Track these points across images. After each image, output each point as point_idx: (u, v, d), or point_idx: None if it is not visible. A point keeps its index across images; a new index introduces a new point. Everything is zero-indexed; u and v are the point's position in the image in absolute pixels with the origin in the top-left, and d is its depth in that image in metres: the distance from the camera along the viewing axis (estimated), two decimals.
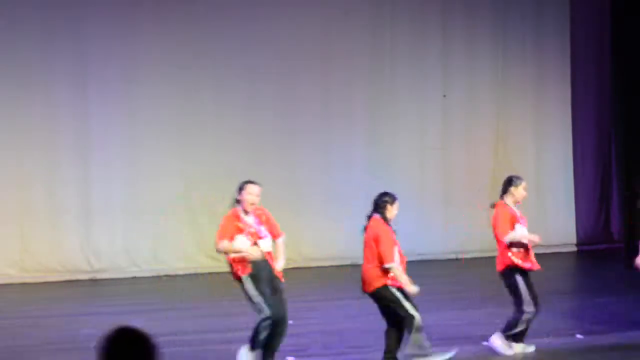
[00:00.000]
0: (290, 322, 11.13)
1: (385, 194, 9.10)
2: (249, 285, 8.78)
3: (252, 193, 8.90)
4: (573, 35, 17.49)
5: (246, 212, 8.90)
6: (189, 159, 15.63)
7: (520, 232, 9.52)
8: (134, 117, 15.47)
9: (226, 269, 15.30)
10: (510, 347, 9.55)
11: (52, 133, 15.18)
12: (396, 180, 16.07)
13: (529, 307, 9.49)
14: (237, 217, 8.87)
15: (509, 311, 9.77)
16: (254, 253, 8.72)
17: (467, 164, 16.96)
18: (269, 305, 8.74)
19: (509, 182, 9.73)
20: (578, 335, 10.13)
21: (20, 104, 15.02)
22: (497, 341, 9.57)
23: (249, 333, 9.00)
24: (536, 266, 9.59)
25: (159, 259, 15.66)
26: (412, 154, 16.69)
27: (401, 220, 9.52)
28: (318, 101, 16.30)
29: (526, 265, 9.53)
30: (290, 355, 9.04)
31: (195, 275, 15.44)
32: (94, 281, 15.12)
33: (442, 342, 9.86)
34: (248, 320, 11.24)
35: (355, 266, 16.04)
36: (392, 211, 9.00)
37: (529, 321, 9.54)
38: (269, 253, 8.94)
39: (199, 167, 15.65)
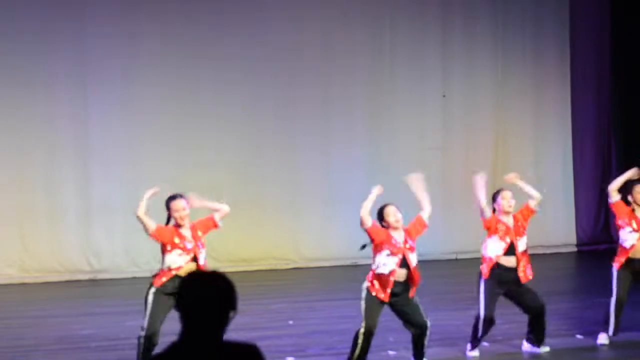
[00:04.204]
0: (290, 322, 11.19)
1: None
2: None
3: None
4: (573, 35, 17.50)
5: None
6: (188, 159, 15.62)
7: None
8: (134, 117, 15.46)
9: (226, 269, 15.35)
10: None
11: (52, 133, 15.17)
12: (396, 180, 16.06)
13: None
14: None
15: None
16: None
17: (467, 164, 16.95)
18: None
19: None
20: (578, 336, 10.13)
21: (20, 105, 15.01)
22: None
23: (248, 333, 8.97)
24: None
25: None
26: (412, 154, 16.67)
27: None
28: (318, 101, 16.30)
29: None
30: (290, 356, 9.02)
31: None
32: (94, 281, 15.11)
33: (442, 342, 9.87)
34: (248, 321, 11.27)
35: (355, 266, 16.09)
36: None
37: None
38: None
39: (199, 167, 15.64)
